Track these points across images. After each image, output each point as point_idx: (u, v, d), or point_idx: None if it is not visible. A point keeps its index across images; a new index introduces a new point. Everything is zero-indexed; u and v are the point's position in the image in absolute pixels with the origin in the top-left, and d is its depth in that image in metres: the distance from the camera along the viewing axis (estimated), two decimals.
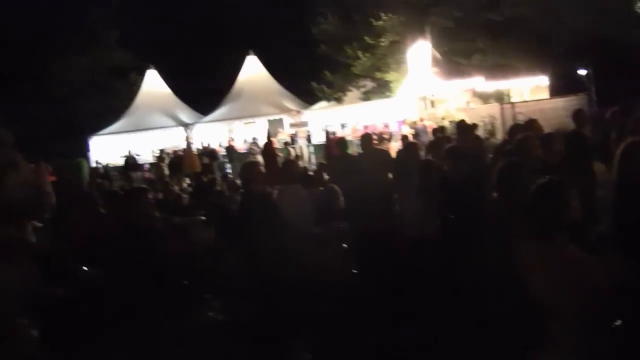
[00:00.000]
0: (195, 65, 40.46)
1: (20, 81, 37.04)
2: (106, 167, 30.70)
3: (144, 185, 15.84)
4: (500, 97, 27.74)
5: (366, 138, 11.25)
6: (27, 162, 9.60)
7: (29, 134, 27.09)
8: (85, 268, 7.88)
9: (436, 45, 27.91)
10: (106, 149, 33.63)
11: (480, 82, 27.10)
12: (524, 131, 7.60)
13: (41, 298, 6.73)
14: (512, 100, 27.10)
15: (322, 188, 9.60)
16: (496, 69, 27.79)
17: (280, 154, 23.02)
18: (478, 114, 24.29)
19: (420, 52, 27.49)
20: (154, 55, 36.91)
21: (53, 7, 39.47)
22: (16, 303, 6.52)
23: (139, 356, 5.71)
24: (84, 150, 33.73)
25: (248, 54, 34.52)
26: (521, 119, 19.44)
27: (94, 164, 32.82)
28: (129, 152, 30.67)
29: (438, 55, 28.00)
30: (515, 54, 27.85)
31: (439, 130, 17.43)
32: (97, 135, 34.48)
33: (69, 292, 7.26)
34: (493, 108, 24.76)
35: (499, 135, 21.07)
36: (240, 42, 35.58)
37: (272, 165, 17.28)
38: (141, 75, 37.27)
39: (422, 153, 11.02)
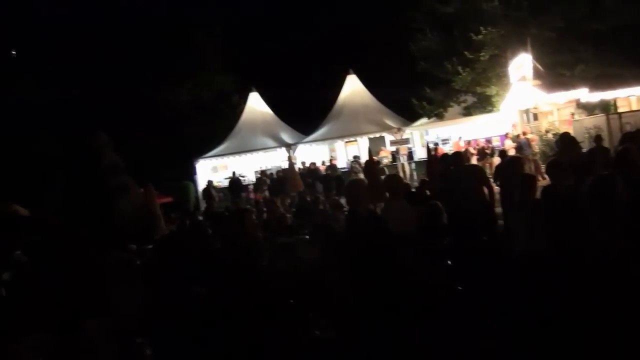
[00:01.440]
0: (296, 86, 40.94)
1: (129, 108, 38.40)
2: (210, 189, 31.39)
3: (248, 207, 16.12)
4: (605, 108, 26.90)
5: (457, 156, 11.15)
6: (138, 186, 9.98)
7: (139, 159, 28.03)
8: (193, 287, 8.07)
9: (538, 57, 27.32)
10: (211, 171, 34.40)
11: (584, 93, 26.33)
12: (631, 141, 7.36)
13: (154, 318, 6.93)
14: (619, 110, 26.24)
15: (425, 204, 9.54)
16: (601, 79, 26.94)
17: (382, 172, 22.98)
18: (583, 125, 23.63)
19: (522, 64, 26.98)
20: (256, 77, 37.58)
21: (159, 34, 40.83)
22: (131, 322, 6.74)
23: None
24: (190, 173, 34.60)
25: (348, 74, 34.70)
26: (629, 129, 18.80)
27: (200, 187, 33.63)
28: (234, 173, 31.26)
29: (540, 68, 27.40)
30: (620, 63, 26.94)
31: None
32: (202, 158, 35.30)
33: (178, 311, 7.45)
34: (599, 119, 24.02)
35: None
36: (340, 61, 35.79)
37: (374, 183, 17.27)
38: (244, 97, 37.99)
39: (527, 167, 10.84)
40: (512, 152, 22.73)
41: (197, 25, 40.89)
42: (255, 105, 36.56)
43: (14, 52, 39.55)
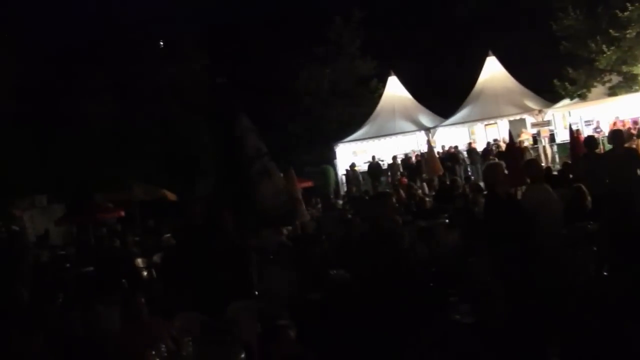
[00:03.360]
0: (435, 69, 40.49)
1: (271, 93, 39.27)
2: (351, 174, 31.64)
3: (388, 190, 16.16)
4: None
5: (617, 134, 10.66)
6: (279, 170, 10.20)
7: (280, 144, 28.67)
8: (335, 271, 8.19)
9: None
10: (350, 155, 34.65)
11: None
12: None
13: (299, 300, 7.09)
14: None
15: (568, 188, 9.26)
16: None
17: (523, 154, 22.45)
18: None
19: None
20: (395, 61, 37.46)
21: (298, 21, 41.49)
22: (280, 304, 6.92)
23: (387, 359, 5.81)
24: (330, 158, 34.99)
25: (488, 55, 34.01)
26: None
27: (340, 171, 33.97)
28: (373, 157, 31.35)
29: None
30: None
31: None
32: (342, 142, 35.61)
33: (321, 294, 7.59)
34: None
35: None
36: (479, 43, 35.12)
37: (515, 166, 16.88)
38: (383, 82, 37.98)
39: None
40: None
41: (336, 11, 41.17)
42: (394, 89, 36.43)
43: (161, 43, 41.17)
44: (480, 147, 30.21)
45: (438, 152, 28.36)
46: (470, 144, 30.71)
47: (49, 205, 29.81)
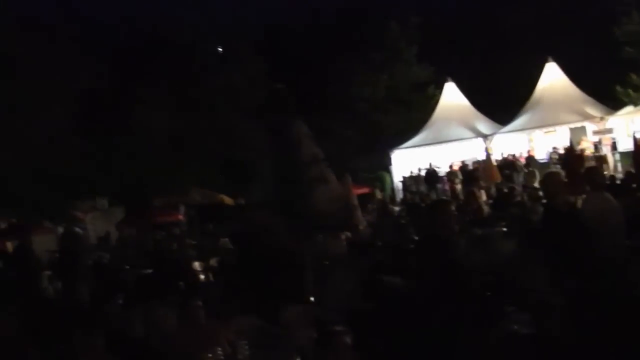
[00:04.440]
0: (493, 74, 40.12)
1: (328, 99, 39.38)
2: (406, 180, 31.59)
3: (445, 197, 16.07)
4: None
5: None
6: (335, 176, 10.22)
7: (337, 150, 28.70)
8: (389, 279, 8.18)
9: None
10: (407, 162, 34.52)
11: None
12: None
13: (354, 307, 7.10)
14: None
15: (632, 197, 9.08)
16: None
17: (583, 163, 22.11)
18: None
19: None
20: (452, 67, 37.25)
21: (354, 27, 41.55)
22: (335, 311, 6.94)
23: None
24: (386, 164, 34.93)
25: (547, 61, 33.55)
26: None
27: (396, 177, 33.90)
28: (430, 164, 31.21)
29: None
30: None
31: None
32: (398, 149, 35.51)
33: (376, 301, 7.58)
34: None
35: None
36: (538, 49, 34.70)
37: (574, 175, 16.63)
38: (440, 88, 37.78)
39: None
40: None
41: (393, 17, 41.11)
42: (451, 95, 36.20)
43: (220, 49, 41.64)
44: (539, 154, 29.84)
45: (496, 160, 28.10)
46: (529, 151, 30.33)
47: (110, 208, 30.44)
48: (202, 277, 13.80)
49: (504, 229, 11.94)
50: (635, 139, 19.18)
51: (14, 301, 9.38)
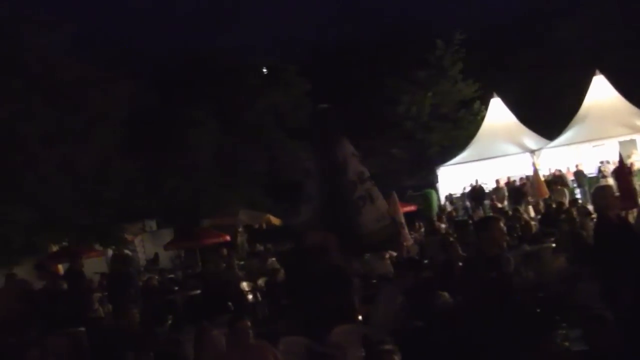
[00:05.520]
0: (540, 89, 39.71)
1: (373, 118, 39.41)
2: (452, 197, 31.41)
3: (493, 214, 15.92)
4: None
5: None
6: (381, 195, 10.22)
7: (383, 168, 28.70)
8: (438, 296, 8.13)
9: None
10: (453, 179, 34.29)
11: None
12: None
13: (402, 326, 7.07)
14: None
15: None
16: None
17: (634, 177, 21.73)
18: None
19: None
20: (497, 83, 36.99)
21: (399, 45, 41.60)
22: (383, 329, 6.93)
23: None
24: (432, 182, 34.75)
25: (595, 74, 33.13)
26: None
27: (442, 195, 33.68)
28: (476, 181, 30.96)
29: None
30: None
31: None
32: (444, 166, 35.32)
33: (425, 319, 7.54)
34: None
35: None
36: (585, 62, 34.29)
37: (626, 189, 16.35)
38: (485, 104, 37.54)
39: None
40: None
41: (437, 34, 41.05)
42: (497, 111, 35.90)
43: (265, 70, 42.00)
44: (587, 169, 29.40)
45: (543, 175, 27.77)
46: (577, 166, 29.91)
47: (158, 230, 30.81)
48: (250, 297, 13.89)
49: (553, 245, 11.80)
50: None
51: (67, 323, 9.55)
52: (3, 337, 9.35)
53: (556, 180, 27.77)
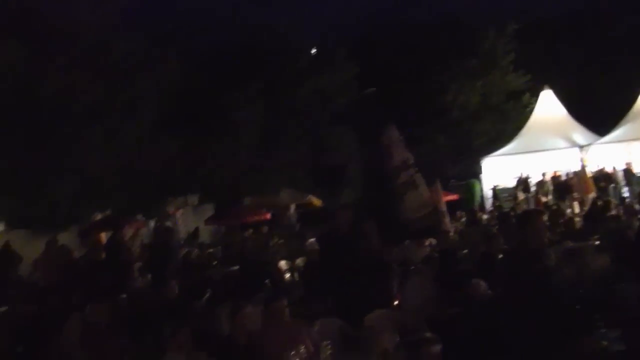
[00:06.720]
0: (592, 83, 39.05)
1: (420, 105, 39.12)
2: (496, 188, 31.16)
3: (539, 208, 15.76)
4: None
5: None
6: (425, 183, 10.18)
7: (427, 156, 28.50)
8: (476, 285, 8.07)
9: None
10: (498, 170, 33.95)
11: None
12: None
13: (438, 314, 7.04)
14: None
15: None
16: None
17: None
18: None
19: None
20: (549, 76, 36.42)
21: (451, 33, 41.17)
22: (418, 316, 6.91)
23: None
24: (476, 172, 34.44)
25: None
26: None
27: (486, 186, 33.39)
28: (521, 174, 30.63)
29: None
30: None
31: None
32: (489, 156, 34.97)
33: (461, 309, 7.50)
34: None
35: None
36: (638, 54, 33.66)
37: None
38: (535, 96, 37.02)
39: None
40: None
41: (489, 24, 40.55)
42: (547, 104, 35.37)
43: (313, 51, 41.90)
44: (637, 168, 28.86)
45: (591, 171, 27.37)
46: (627, 164, 29.37)
47: (200, 205, 31.06)
48: (287, 276, 13.94)
49: (597, 243, 11.63)
50: None
51: (107, 292, 9.70)
52: (43, 303, 9.53)
53: (603, 178, 27.36)
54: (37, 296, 10.42)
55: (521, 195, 29.32)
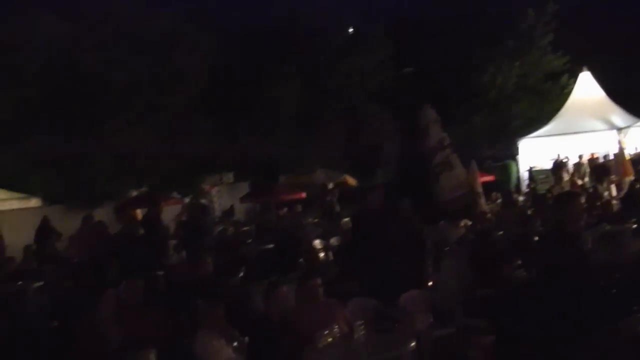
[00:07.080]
0: (634, 64, 38.36)
1: (457, 85, 38.78)
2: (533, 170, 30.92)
3: (575, 190, 15.58)
4: None
5: None
6: (461, 163, 10.12)
7: (463, 137, 28.31)
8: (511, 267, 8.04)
9: None
10: (535, 152, 33.63)
11: None
12: None
13: (471, 295, 7.02)
14: None
15: None
16: None
17: None
18: None
19: None
20: (588, 57, 35.87)
21: (489, 12, 40.67)
22: (452, 298, 6.90)
23: None
24: (513, 153, 34.16)
25: None
26: None
27: (522, 167, 33.13)
28: (558, 155, 30.33)
29: None
30: None
31: None
32: (526, 138, 34.65)
33: (495, 291, 7.48)
34: None
35: None
36: None
37: None
38: (574, 77, 36.53)
39: None
40: None
41: (529, 3, 39.97)
42: (586, 85, 34.88)
43: (350, 30, 41.70)
44: None
45: (629, 154, 26.99)
46: None
47: (235, 183, 31.20)
48: (322, 255, 13.98)
49: (635, 226, 11.50)
50: None
51: (142, 268, 9.81)
52: (79, 278, 9.66)
53: None
54: (72, 272, 10.54)
55: (561, 177, 28.98)
